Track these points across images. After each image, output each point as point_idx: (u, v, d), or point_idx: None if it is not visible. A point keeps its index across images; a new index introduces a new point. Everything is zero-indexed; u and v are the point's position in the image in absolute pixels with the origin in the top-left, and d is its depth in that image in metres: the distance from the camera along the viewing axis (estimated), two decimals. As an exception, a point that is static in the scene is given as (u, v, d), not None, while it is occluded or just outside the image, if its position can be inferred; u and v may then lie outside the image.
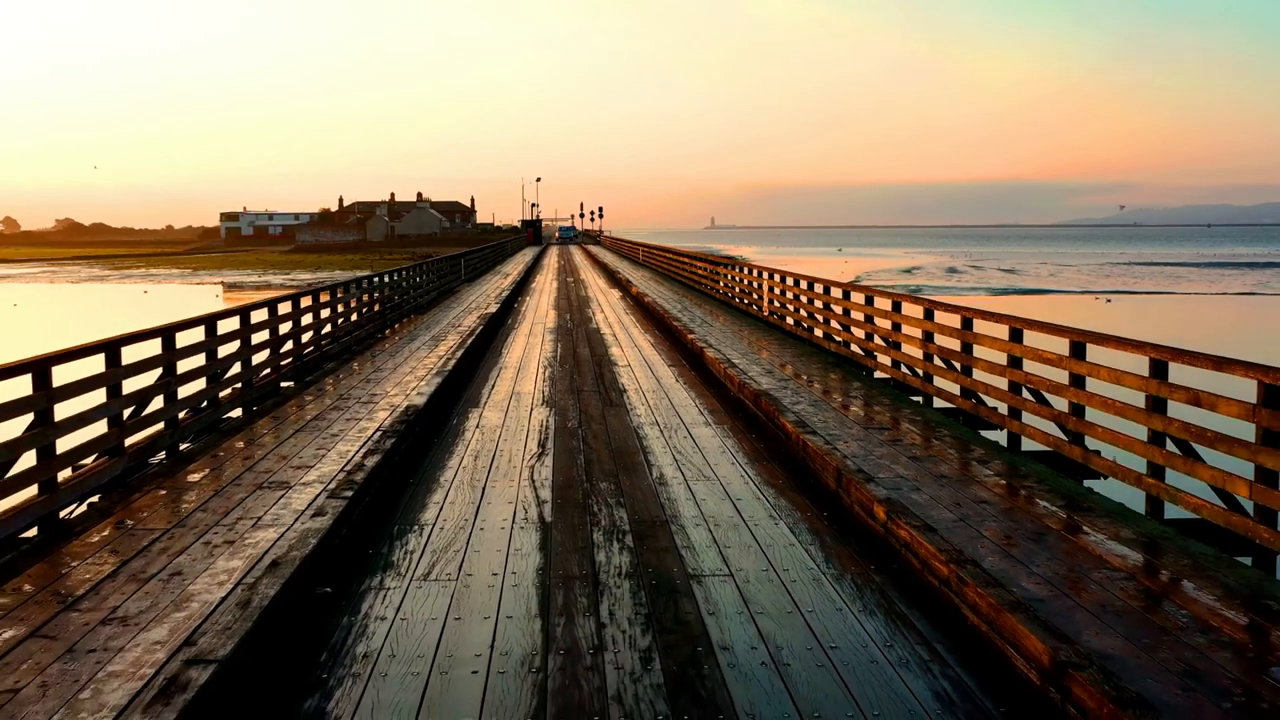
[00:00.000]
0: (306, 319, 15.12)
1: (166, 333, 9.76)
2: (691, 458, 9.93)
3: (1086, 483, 8.82)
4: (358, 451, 9.48)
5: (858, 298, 15.56)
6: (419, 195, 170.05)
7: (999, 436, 10.36)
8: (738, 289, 25.53)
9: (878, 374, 14.44)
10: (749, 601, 6.03)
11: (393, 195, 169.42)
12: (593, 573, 6.58)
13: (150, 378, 9.49)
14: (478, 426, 11.53)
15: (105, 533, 7.18)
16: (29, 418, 7.30)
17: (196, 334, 10.77)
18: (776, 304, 21.02)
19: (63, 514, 7.60)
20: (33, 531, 7.26)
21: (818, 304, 17.77)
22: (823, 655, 5.28)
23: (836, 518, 7.95)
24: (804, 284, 18.80)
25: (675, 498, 8.44)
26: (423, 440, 10.74)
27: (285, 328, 13.97)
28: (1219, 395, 6.87)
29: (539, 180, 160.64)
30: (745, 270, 25.27)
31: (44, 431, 7.31)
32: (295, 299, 14.54)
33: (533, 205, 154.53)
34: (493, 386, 14.47)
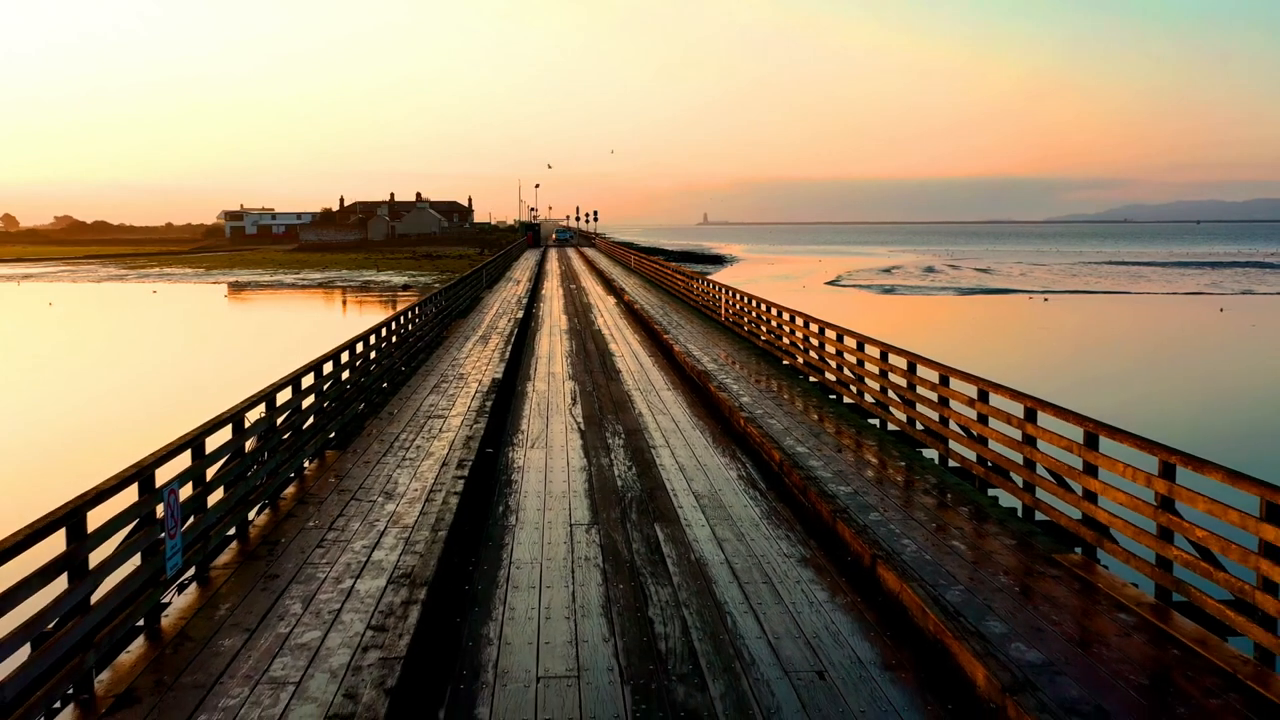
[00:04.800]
0: (409, 326, 22.96)
1: (365, 337, 17.63)
2: (657, 405, 17.89)
3: (872, 421, 16.67)
4: (473, 400, 17.37)
5: (774, 311, 23.45)
6: (418, 195, 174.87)
7: (836, 395, 18.24)
8: (706, 299, 33.45)
9: (785, 362, 22.30)
10: (674, 452, 14.03)
11: (392, 195, 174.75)
12: (606, 445, 14.55)
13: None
14: (533, 390, 19.51)
15: (370, 438, 15.02)
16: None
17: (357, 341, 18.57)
18: (731, 312, 28.92)
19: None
20: (333, 435, 15.06)
21: (754, 314, 25.66)
22: (699, 466, 13.26)
23: (726, 428, 15.92)
24: (745, 298, 26.71)
25: (646, 422, 16.38)
26: (505, 398, 18.64)
27: (380, 337, 21.78)
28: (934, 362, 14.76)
29: (538, 186, 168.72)
30: (710, 284, 33.20)
31: (338, 389, 15.16)
32: (406, 312, 22.36)
33: (531, 210, 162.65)
34: (535, 369, 22.41)
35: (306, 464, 13.32)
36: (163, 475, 8.20)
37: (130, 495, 7.82)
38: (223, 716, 6.39)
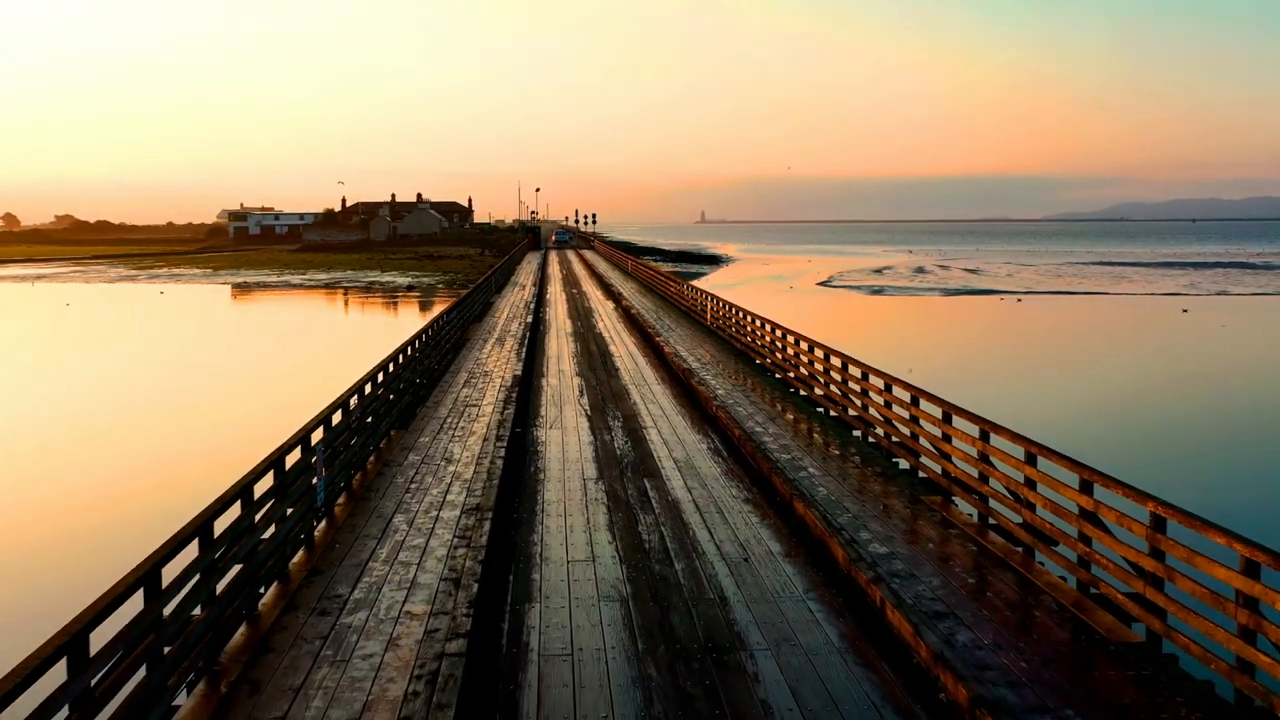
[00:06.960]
0: (441, 332, 27.09)
1: (411, 342, 21.79)
2: (649, 396, 22.11)
3: (818, 410, 20.77)
4: (500, 392, 21.54)
5: (748, 318, 27.62)
6: (419, 196, 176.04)
7: (795, 390, 22.39)
8: (694, 304, 37.64)
9: (758, 362, 26.45)
10: (660, 431, 18.26)
11: (394, 196, 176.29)
12: (608, 426, 18.78)
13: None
14: (547, 385, 23.72)
15: (424, 421, 19.14)
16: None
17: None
18: (715, 317, 33.09)
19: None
20: (395, 419, 19.20)
21: (734, 320, 29.82)
22: (679, 440, 17.49)
23: (702, 414, 20.14)
24: (727, 305, 30.89)
25: (640, 408, 20.59)
26: (525, 391, 22.81)
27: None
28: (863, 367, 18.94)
29: (538, 190, 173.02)
30: (698, 292, 37.41)
31: (397, 383, 19.32)
32: (437, 320, 26.51)
33: (532, 213, 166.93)
34: (547, 367, 26.62)
35: (380, 441, 17.46)
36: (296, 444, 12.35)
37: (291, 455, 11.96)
38: (378, 579, 10.54)
